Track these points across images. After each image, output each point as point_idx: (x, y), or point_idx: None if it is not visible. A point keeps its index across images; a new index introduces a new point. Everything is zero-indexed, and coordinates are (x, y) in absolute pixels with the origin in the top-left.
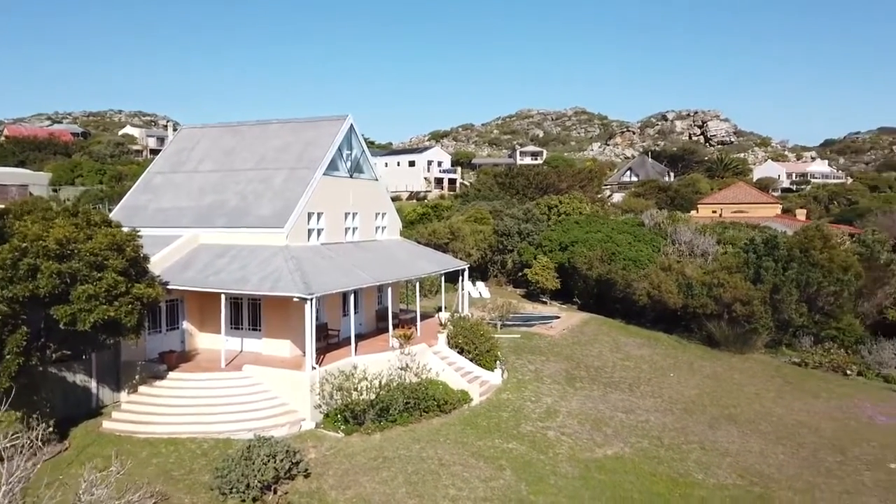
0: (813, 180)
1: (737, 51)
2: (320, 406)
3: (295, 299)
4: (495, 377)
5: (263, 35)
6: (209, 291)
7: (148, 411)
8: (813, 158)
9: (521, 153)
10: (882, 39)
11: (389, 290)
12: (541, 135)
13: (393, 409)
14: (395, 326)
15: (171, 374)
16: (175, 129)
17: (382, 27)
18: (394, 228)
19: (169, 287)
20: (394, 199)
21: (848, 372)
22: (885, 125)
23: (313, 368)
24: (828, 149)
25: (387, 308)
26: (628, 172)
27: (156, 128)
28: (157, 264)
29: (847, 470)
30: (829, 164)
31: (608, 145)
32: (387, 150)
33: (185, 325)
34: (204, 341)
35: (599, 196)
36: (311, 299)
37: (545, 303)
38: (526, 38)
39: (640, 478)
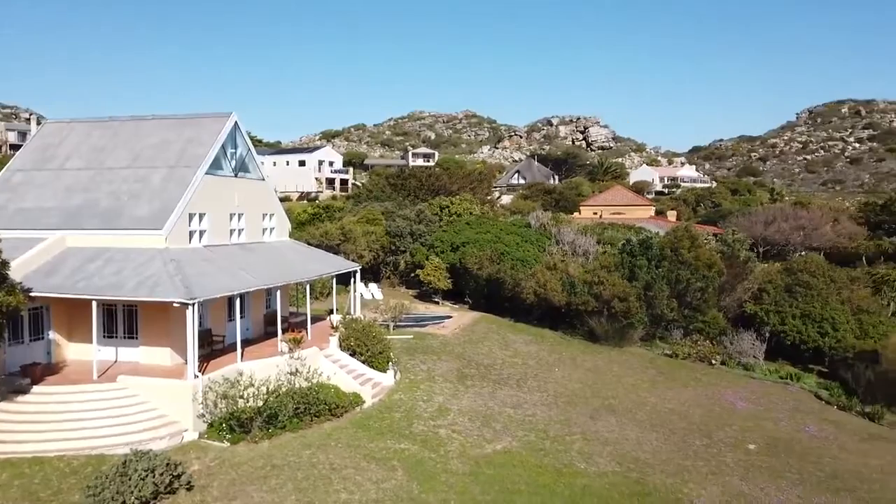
0: (682, 184)
1: (614, 60)
2: (204, 416)
3: (175, 305)
4: (388, 378)
5: (146, 30)
6: (79, 298)
7: (9, 429)
8: (683, 164)
9: (414, 154)
10: (742, 56)
11: (278, 293)
12: (432, 137)
13: (282, 416)
14: (284, 330)
15: (36, 388)
16: (39, 123)
17: (272, 25)
18: (282, 230)
19: (32, 294)
20: (283, 200)
21: (713, 361)
22: (745, 133)
23: (196, 377)
24: (695, 155)
25: (276, 312)
26: (516, 175)
27: (17, 121)
28: (18, 269)
29: (712, 452)
30: (697, 169)
31: (497, 148)
32: (276, 149)
33: (52, 335)
34: (74, 352)
35: (489, 198)
36: (193, 304)
37: (437, 303)
38: (417, 40)
39: (528, 470)
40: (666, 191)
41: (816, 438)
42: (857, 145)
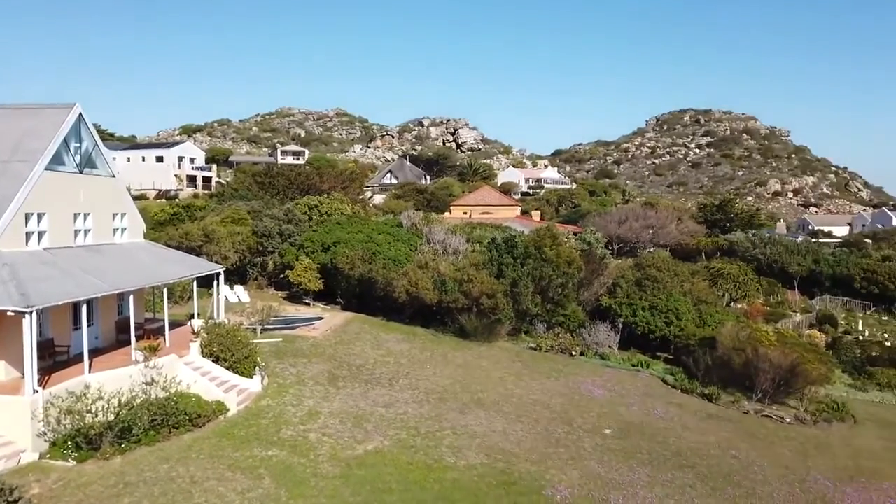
0: (546, 185)
1: (481, 65)
2: (45, 434)
3: (9, 313)
4: (255, 384)
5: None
6: None
7: None
8: (546, 166)
9: (283, 152)
10: (599, 65)
11: (131, 297)
12: (302, 134)
13: (137, 429)
14: (139, 338)
15: None
16: None
17: (124, 12)
18: (136, 230)
19: None
20: (138, 199)
21: (573, 353)
22: (601, 138)
23: (35, 392)
24: (557, 157)
25: (129, 318)
26: (388, 175)
27: None
28: None
29: (572, 438)
30: (559, 171)
31: (369, 148)
32: (130, 143)
33: None
34: None
35: (361, 197)
36: (31, 312)
37: (308, 304)
38: (285, 34)
39: (399, 468)
40: (531, 191)
41: (663, 420)
42: (697, 151)
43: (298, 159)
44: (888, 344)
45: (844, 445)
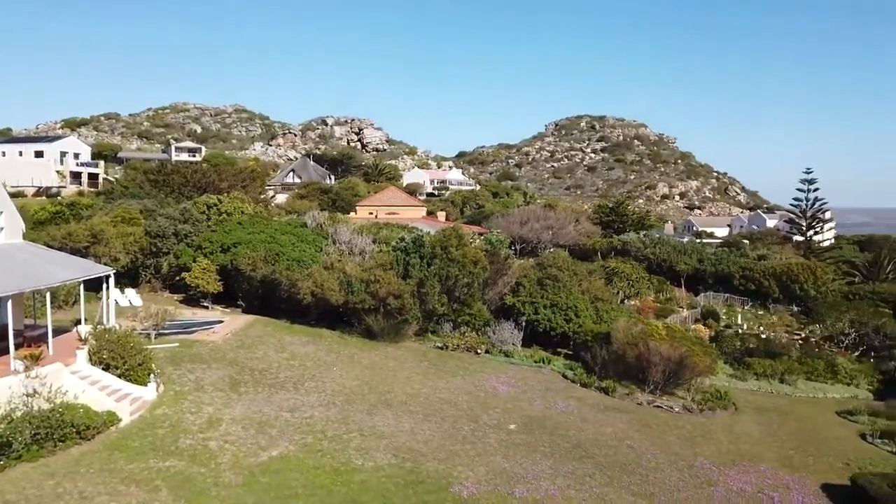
0: (451, 186)
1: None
2: None
3: None
4: (149, 392)
5: None
6: None
7: None
8: (450, 167)
9: (178, 149)
10: (503, 70)
11: (9, 303)
12: (199, 130)
13: (17, 444)
14: (18, 346)
15: None
16: None
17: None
18: (14, 230)
19: None
20: (15, 196)
21: (479, 351)
22: (504, 141)
23: None
24: (461, 159)
25: (6, 325)
26: (291, 174)
27: None
28: None
29: (478, 435)
30: (463, 173)
31: (271, 146)
32: (6, 137)
33: None
34: None
35: (263, 196)
36: None
37: (207, 307)
38: (179, 27)
39: (305, 473)
40: (436, 192)
41: (564, 414)
42: (592, 155)
43: (195, 156)
44: (763, 336)
45: (727, 432)
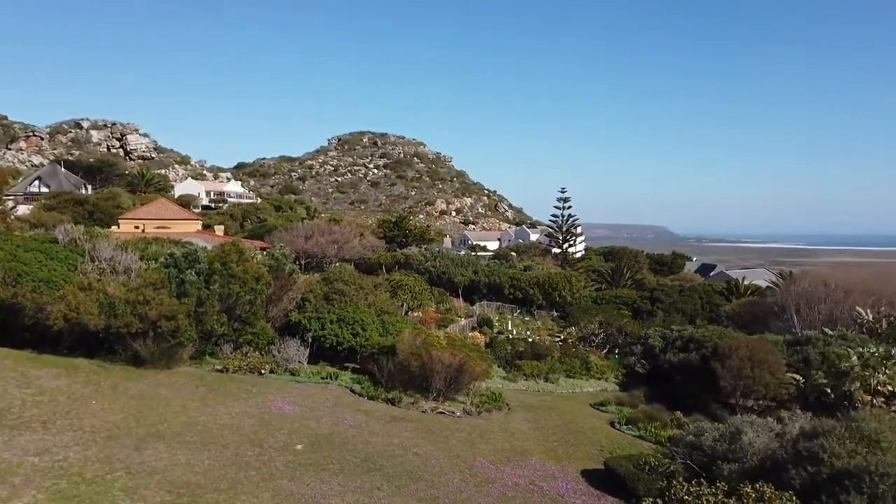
0: (229, 199)
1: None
2: None
3: None
4: None
5: None
6: None
7: None
8: (229, 179)
9: None
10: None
11: None
12: None
13: None
14: None
15: None
16: None
17: None
18: None
19: None
20: None
21: (262, 371)
22: (286, 154)
23: None
24: (241, 171)
25: None
26: (37, 182)
27: None
28: None
29: (263, 459)
30: (243, 185)
31: (10, 150)
32: None
33: None
34: None
35: (1, 208)
36: None
37: None
38: None
39: None
40: (213, 205)
41: (352, 428)
42: (375, 171)
43: None
44: (530, 340)
45: (502, 430)
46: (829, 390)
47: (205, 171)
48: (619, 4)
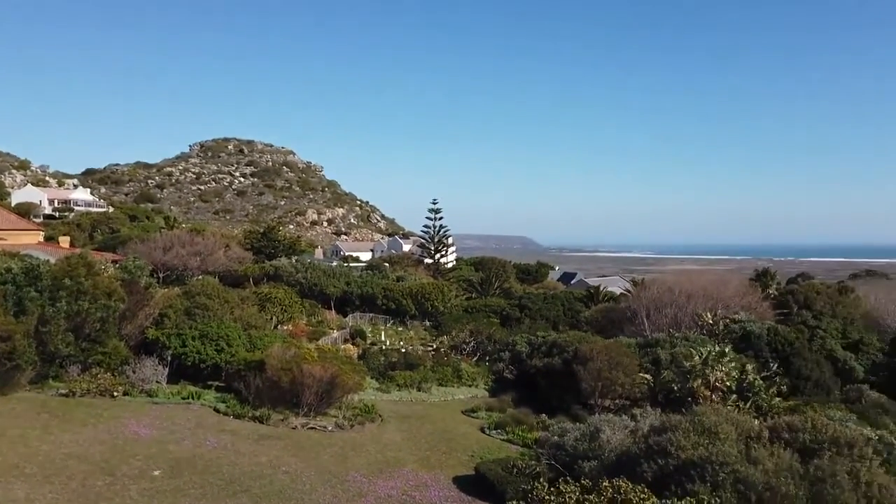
0: (77, 208)
1: None
2: None
3: None
4: None
5: None
6: None
7: None
8: (76, 186)
9: None
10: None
11: None
12: None
13: None
14: None
15: None
16: None
17: None
18: None
19: None
20: None
21: (115, 394)
22: (142, 160)
23: None
24: (90, 178)
25: None
26: None
27: None
28: None
29: (116, 489)
30: (92, 193)
31: None
32: None
33: None
34: None
35: None
36: None
37: None
38: None
39: None
40: (57, 214)
41: (217, 449)
42: (242, 179)
43: None
44: (403, 350)
45: (375, 442)
46: (675, 388)
47: (47, 178)
48: (452, 7)
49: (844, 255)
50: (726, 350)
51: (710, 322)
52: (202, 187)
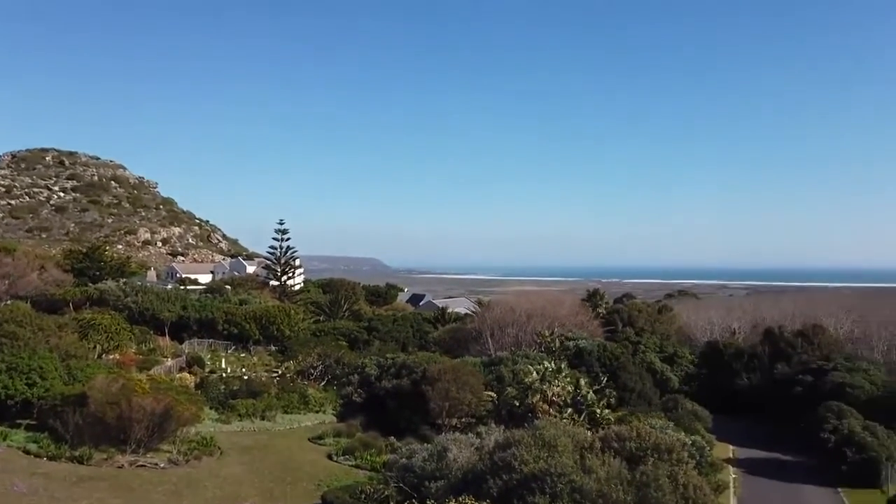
0: None
1: None
2: None
3: None
4: None
5: None
6: None
7: None
8: None
9: None
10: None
11: None
12: None
13: None
14: None
15: None
16: None
17: None
18: None
19: None
20: None
21: None
22: None
23: None
24: None
25: None
26: None
27: None
28: None
29: None
30: None
31: None
32: None
33: None
34: None
35: None
36: None
37: None
38: None
39: None
40: None
41: (27, 496)
42: (62, 194)
43: None
44: (246, 378)
45: (213, 477)
46: (517, 403)
47: None
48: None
49: (662, 277)
50: (562, 366)
51: (548, 339)
52: (13, 202)
